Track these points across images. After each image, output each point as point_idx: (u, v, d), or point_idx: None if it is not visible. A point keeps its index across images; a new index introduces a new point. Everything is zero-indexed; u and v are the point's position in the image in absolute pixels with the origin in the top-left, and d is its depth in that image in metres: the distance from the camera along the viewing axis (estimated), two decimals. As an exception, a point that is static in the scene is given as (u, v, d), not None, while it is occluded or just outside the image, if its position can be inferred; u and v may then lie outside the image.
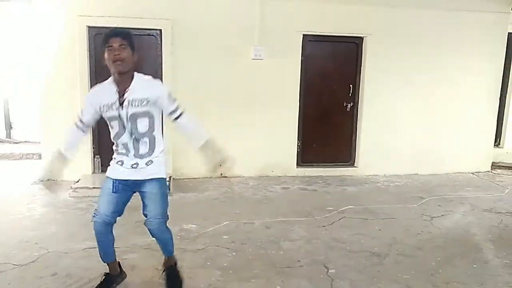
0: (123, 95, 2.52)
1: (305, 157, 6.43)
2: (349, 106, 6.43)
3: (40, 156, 5.98)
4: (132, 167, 2.61)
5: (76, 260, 3.35)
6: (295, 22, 5.97)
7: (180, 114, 2.67)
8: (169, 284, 2.85)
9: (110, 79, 2.59)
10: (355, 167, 6.56)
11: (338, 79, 6.36)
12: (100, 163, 5.76)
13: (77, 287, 2.95)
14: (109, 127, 2.64)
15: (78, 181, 5.39)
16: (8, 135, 8.35)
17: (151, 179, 2.63)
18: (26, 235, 3.83)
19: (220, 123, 5.96)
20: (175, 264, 2.92)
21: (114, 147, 2.68)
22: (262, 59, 5.91)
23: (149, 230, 2.68)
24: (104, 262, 2.83)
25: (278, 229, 4.16)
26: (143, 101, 2.52)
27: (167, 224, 2.74)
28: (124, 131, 2.57)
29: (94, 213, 2.67)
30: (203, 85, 5.89)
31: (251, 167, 6.16)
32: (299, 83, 6.15)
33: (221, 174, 6.08)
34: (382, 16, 6.18)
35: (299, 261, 3.45)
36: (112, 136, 2.65)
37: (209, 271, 3.21)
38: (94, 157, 5.77)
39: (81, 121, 2.69)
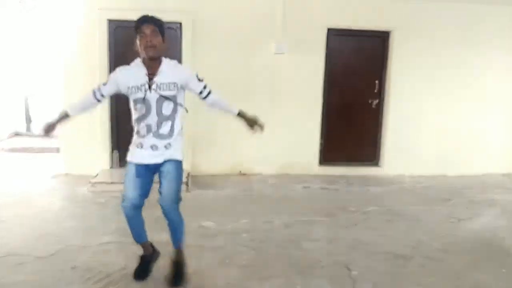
0: (152, 78, 2.62)
1: (327, 156, 6.32)
2: (374, 103, 6.27)
3: (58, 150, 6.03)
4: (152, 148, 2.70)
5: (94, 254, 3.36)
6: (319, 16, 5.86)
7: (209, 93, 2.84)
8: (170, 278, 2.89)
9: (138, 61, 2.68)
10: (379, 166, 6.41)
11: (363, 75, 6.22)
12: (118, 157, 5.78)
13: (96, 281, 2.95)
14: (133, 108, 2.72)
15: (96, 176, 5.42)
16: (28, 128, 8.50)
17: (169, 160, 2.74)
18: (46, 228, 3.87)
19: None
20: (183, 262, 2.94)
21: (135, 129, 2.76)
22: (284, 54, 5.81)
23: (161, 207, 2.75)
24: (137, 243, 2.96)
25: (298, 228, 4.09)
26: (171, 85, 2.65)
27: (180, 210, 2.84)
28: (150, 113, 2.65)
29: (122, 199, 2.76)
30: (222, 80, 5.79)
31: (271, 165, 6.09)
32: (322, 79, 6.04)
33: (240, 172, 6.03)
34: (409, 10, 6.01)
35: (320, 261, 3.38)
36: (135, 117, 2.73)
37: (227, 269, 3.17)
38: (112, 151, 5.79)
39: (101, 93, 2.76)
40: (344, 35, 6.05)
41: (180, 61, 5.68)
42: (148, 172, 2.75)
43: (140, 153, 2.72)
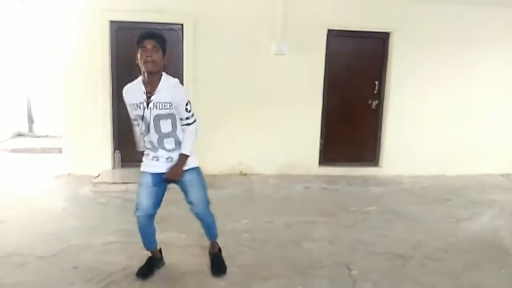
0: (150, 96, 2.70)
1: (327, 156, 6.33)
2: (374, 104, 6.29)
3: (60, 151, 6.05)
4: (167, 160, 2.81)
5: (96, 254, 3.38)
6: (319, 17, 5.87)
7: (188, 124, 2.82)
8: (214, 269, 3.10)
9: (140, 78, 2.77)
10: (379, 167, 6.43)
11: (363, 76, 6.23)
12: (120, 158, 5.80)
13: (98, 280, 2.96)
14: (139, 125, 2.85)
15: (98, 176, 5.44)
16: (30, 129, 8.51)
17: (188, 170, 2.83)
18: (48, 228, 3.88)
19: (240, 119, 5.96)
20: (220, 250, 3.22)
21: (148, 144, 2.86)
22: (284, 55, 5.83)
23: (195, 214, 2.94)
24: (147, 250, 3.07)
25: (299, 228, 4.10)
26: (167, 104, 2.70)
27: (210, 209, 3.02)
28: (149, 131, 2.75)
29: (136, 208, 2.84)
30: (224, 80, 5.86)
31: (272, 165, 6.11)
32: (322, 79, 6.05)
33: (241, 172, 6.06)
34: (409, 11, 6.02)
35: (321, 261, 3.39)
36: (141, 131, 2.86)
37: (229, 269, 3.17)
38: (114, 152, 5.81)
39: (134, 119, 2.87)
40: (344, 36, 6.05)
41: (182, 62, 5.71)
42: (163, 181, 2.83)
43: (157, 163, 2.81)
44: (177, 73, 5.63)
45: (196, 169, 2.89)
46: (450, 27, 6.12)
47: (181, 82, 5.81)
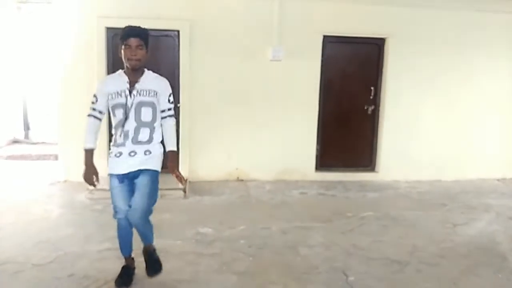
0: (134, 85, 2.74)
1: (324, 161, 6.34)
2: (370, 109, 6.31)
3: (56, 157, 6.03)
4: (130, 155, 2.78)
5: (92, 261, 3.37)
6: (315, 23, 5.91)
7: (168, 116, 2.84)
8: (149, 268, 2.92)
9: (120, 71, 2.82)
10: (375, 172, 6.44)
11: (359, 82, 6.27)
12: (117, 165, 5.77)
13: (93, 288, 2.95)
14: (112, 115, 2.83)
15: (94, 183, 5.41)
16: (26, 136, 8.48)
17: (145, 170, 2.79)
18: (44, 235, 3.87)
19: (236, 125, 5.97)
20: (154, 250, 2.97)
21: (113, 138, 2.85)
22: (280, 60, 5.85)
23: (130, 220, 2.82)
24: (124, 255, 3.04)
25: (295, 234, 4.10)
26: (151, 92, 2.75)
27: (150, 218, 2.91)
28: (128, 119, 2.73)
29: (115, 211, 2.86)
30: (220, 86, 5.87)
31: (268, 171, 6.11)
32: (318, 85, 6.08)
33: (238, 178, 6.06)
34: (404, 17, 6.07)
35: (317, 267, 3.40)
36: (114, 124, 2.84)
37: (225, 276, 3.18)
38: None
39: (99, 111, 2.83)
40: (339, 42, 6.09)
41: (178, 68, 5.73)
42: (130, 181, 2.82)
43: (120, 162, 2.80)
44: (173, 79, 5.64)
45: (155, 174, 2.82)
46: (444, 32, 6.17)
47: (177, 88, 5.84)
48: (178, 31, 5.69)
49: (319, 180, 6.19)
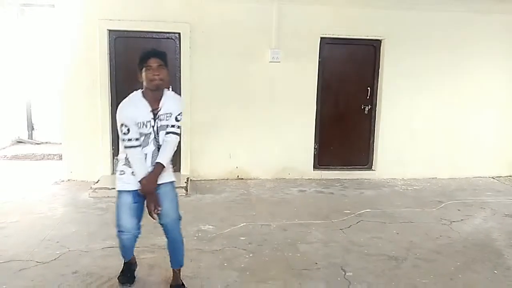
0: (157, 113, 2.67)
1: (322, 160, 6.42)
2: (366, 108, 6.39)
3: (60, 157, 6.08)
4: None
5: (95, 259, 3.41)
6: (312, 25, 5.98)
7: (173, 132, 2.75)
8: None
9: (139, 94, 2.70)
10: (372, 170, 6.52)
11: (355, 82, 6.34)
12: (119, 164, 5.82)
13: (97, 285, 2.99)
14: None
15: (97, 182, 5.48)
16: (30, 136, 8.51)
17: (166, 183, 2.77)
18: (48, 233, 3.91)
19: (236, 125, 6.02)
20: (183, 284, 2.93)
21: (126, 157, 2.71)
22: (279, 62, 5.93)
23: (164, 225, 2.80)
24: (124, 259, 3.03)
25: (295, 231, 4.15)
26: (168, 115, 2.70)
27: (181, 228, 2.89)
28: (148, 144, 2.69)
29: (120, 230, 2.78)
30: (220, 88, 5.94)
31: (268, 169, 6.19)
32: (316, 85, 6.15)
33: (238, 177, 6.12)
34: (400, 18, 6.14)
35: (316, 263, 3.44)
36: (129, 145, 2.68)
37: (226, 272, 3.22)
38: (113, 158, 5.85)
39: (135, 139, 2.65)
40: (336, 43, 6.17)
41: (179, 69, 5.79)
42: (142, 198, 2.73)
43: (136, 179, 2.67)
44: (174, 81, 5.71)
45: (173, 184, 2.84)
46: (439, 33, 6.24)
47: (179, 89, 5.88)
48: (179, 34, 5.75)
49: (318, 178, 6.27)
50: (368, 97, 6.37)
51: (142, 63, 2.62)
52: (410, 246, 3.84)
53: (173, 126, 2.73)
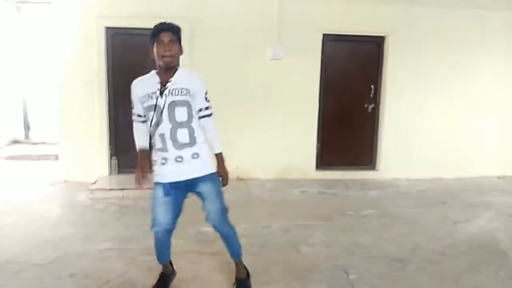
0: (166, 84, 2.56)
1: (324, 160, 6.34)
2: (370, 107, 6.31)
3: (57, 157, 6.03)
4: (176, 161, 2.57)
5: (93, 261, 3.37)
6: (314, 22, 5.91)
7: (207, 115, 2.69)
8: None
9: (153, 71, 2.64)
10: (376, 170, 6.44)
11: (359, 80, 6.26)
12: (117, 164, 5.79)
13: (95, 288, 2.96)
14: (147, 120, 2.62)
15: (95, 183, 5.43)
16: (26, 136, 8.49)
17: (203, 177, 2.64)
18: (45, 235, 3.87)
19: (237, 124, 5.96)
20: (248, 276, 2.95)
21: (153, 145, 2.65)
22: (280, 59, 5.86)
23: (212, 226, 2.79)
24: (160, 263, 2.91)
25: (297, 233, 4.10)
26: (184, 90, 2.56)
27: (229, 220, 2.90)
28: (162, 121, 2.53)
29: (153, 223, 2.66)
30: (220, 85, 5.85)
31: (269, 169, 6.12)
32: (318, 83, 6.08)
33: (238, 177, 6.06)
34: (404, 15, 6.07)
35: (319, 265, 3.39)
36: (150, 129, 2.62)
37: (226, 275, 3.17)
38: (110, 158, 5.80)
39: (138, 115, 2.68)
40: (339, 40, 6.09)
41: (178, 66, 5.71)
42: (179, 190, 2.62)
43: (166, 169, 2.58)
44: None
45: (213, 176, 2.72)
46: (445, 30, 6.17)
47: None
48: (179, 30, 5.69)
49: (320, 178, 6.20)
50: (371, 95, 6.30)
51: (153, 37, 2.53)
52: (415, 248, 3.79)
53: (206, 108, 2.67)
